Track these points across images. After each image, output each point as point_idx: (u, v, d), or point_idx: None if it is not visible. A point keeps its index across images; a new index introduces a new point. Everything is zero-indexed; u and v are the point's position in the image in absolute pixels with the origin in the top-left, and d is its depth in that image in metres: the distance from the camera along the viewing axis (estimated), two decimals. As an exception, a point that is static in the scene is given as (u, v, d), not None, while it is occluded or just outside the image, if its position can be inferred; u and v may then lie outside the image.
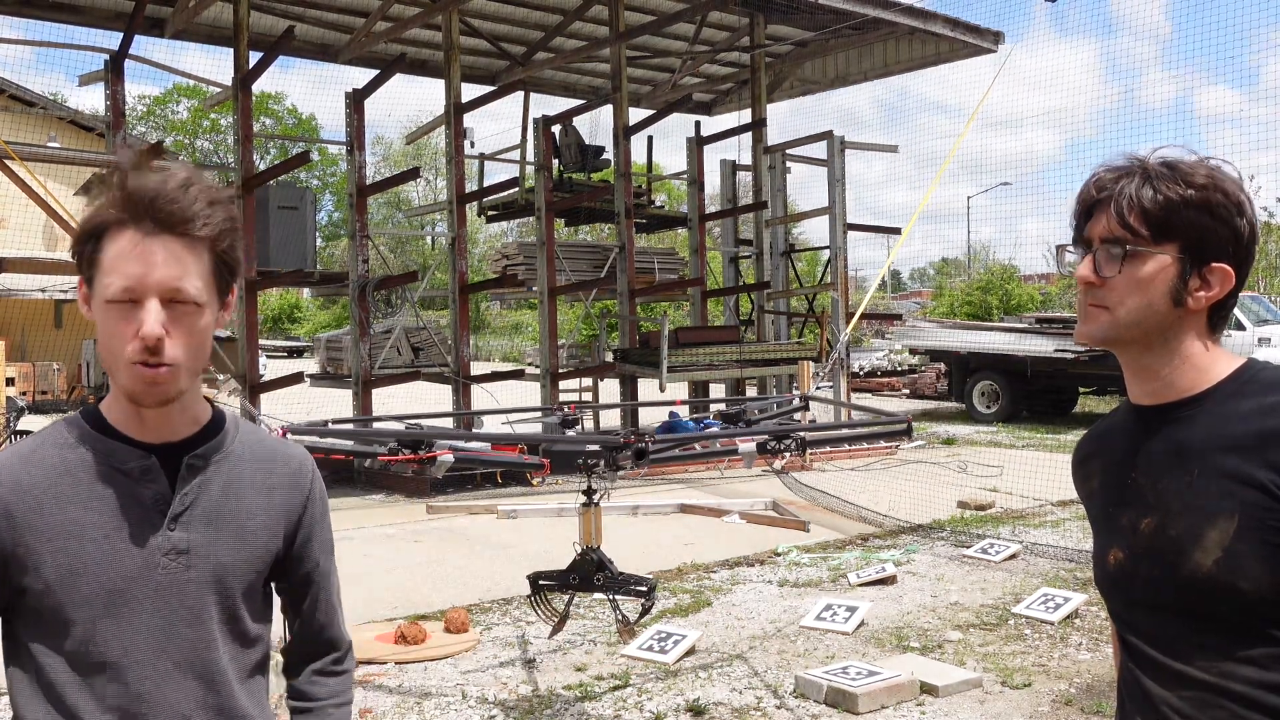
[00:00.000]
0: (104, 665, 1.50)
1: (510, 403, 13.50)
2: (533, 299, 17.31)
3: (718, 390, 18.17)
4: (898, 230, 16.53)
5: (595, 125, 17.48)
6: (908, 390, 24.60)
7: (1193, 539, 1.44)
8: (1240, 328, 17.10)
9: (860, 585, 7.22)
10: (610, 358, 15.71)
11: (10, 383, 18.20)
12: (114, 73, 12.80)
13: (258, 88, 14.60)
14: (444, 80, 13.87)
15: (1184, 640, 1.47)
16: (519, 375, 14.90)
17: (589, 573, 4.84)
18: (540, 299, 14.55)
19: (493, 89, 15.76)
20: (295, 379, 13.34)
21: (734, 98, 19.02)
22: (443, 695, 5.23)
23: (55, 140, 21.62)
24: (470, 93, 14.41)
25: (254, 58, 12.92)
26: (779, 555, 8.25)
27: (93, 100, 66.38)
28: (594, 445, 4.95)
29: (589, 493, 4.92)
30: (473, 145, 15.43)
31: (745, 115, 17.25)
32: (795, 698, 5.14)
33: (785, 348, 15.70)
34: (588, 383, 17.55)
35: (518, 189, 16.08)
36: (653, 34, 15.53)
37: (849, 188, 15.82)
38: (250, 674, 1.63)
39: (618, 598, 4.95)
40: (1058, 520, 9.50)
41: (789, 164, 17.04)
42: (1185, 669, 1.47)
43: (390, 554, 8.49)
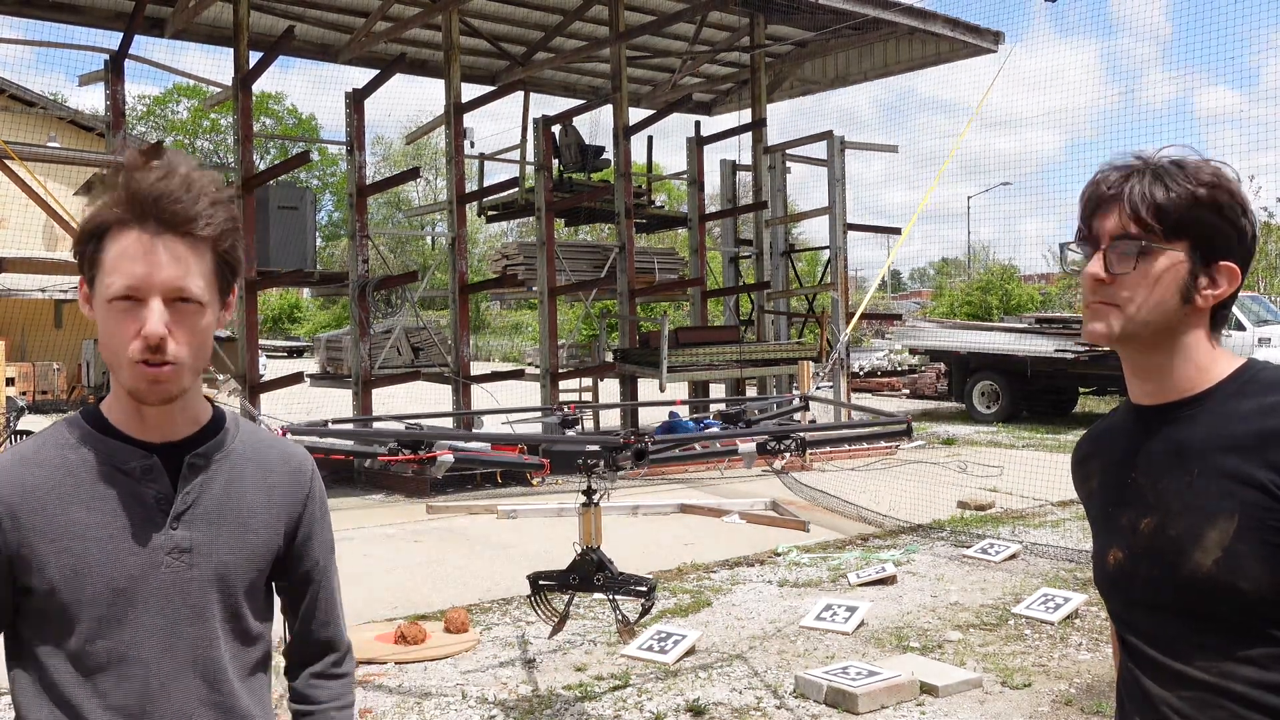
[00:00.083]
0: (108, 664, 1.51)
1: (510, 403, 13.50)
2: (533, 299, 17.31)
3: (718, 390, 18.17)
4: (898, 230, 16.55)
5: (595, 125, 17.50)
6: (908, 390, 24.60)
7: (1193, 539, 1.44)
8: (1240, 328, 17.10)
9: (860, 585, 7.22)
10: (610, 358, 15.70)
11: (10, 383, 18.20)
12: (114, 73, 12.82)
13: (258, 88, 14.61)
14: (444, 80, 13.87)
15: (1184, 640, 1.48)
16: (519, 375, 14.90)
17: (589, 573, 4.84)
18: (540, 299, 14.55)
19: (493, 89, 15.77)
20: (295, 379, 13.34)
21: (734, 98, 19.02)
22: (443, 695, 5.23)
23: (55, 140, 21.64)
24: (470, 93, 14.43)
25: (254, 58, 12.92)
26: (779, 555, 8.25)
27: (93, 100, 66.42)
28: (594, 445, 4.94)
29: (589, 493, 4.92)
30: (473, 145, 15.43)
31: (745, 115, 17.25)
32: (795, 698, 5.14)
33: (785, 348, 15.70)
34: (588, 383, 17.55)
35: (518, 189, 16.08)
36: (653, 34, 15.53)
37: (849, 188, 15.82)
38: (252, 672, 1.64)
39: (618, 598, 4.95)
40: (1058, 520, 9.50)
41: (789, 164, 17.04)
42: (1185, 669, 1.47)
43: (390, 554, 8.49)
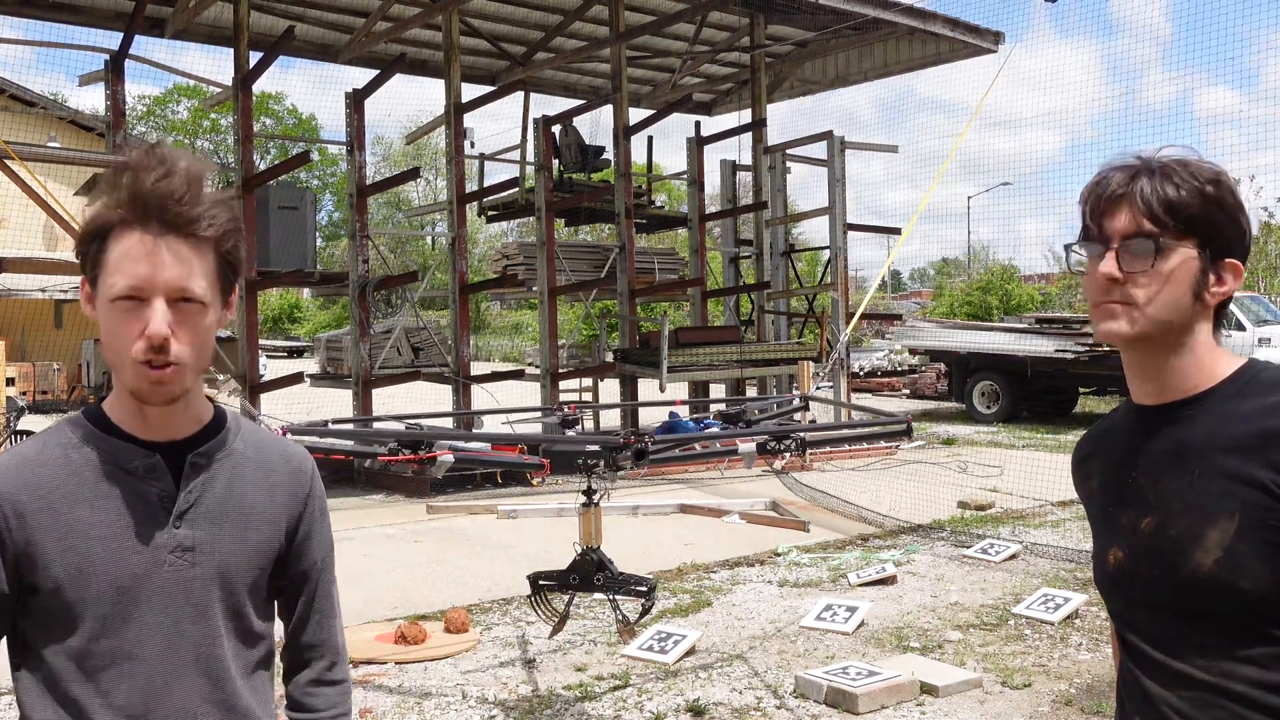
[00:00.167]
0: (112, 663, 1.51)
1: (510, 403, 13.50)
2: (533, 299, 17.31)
3: (718, 390, 18.17)
4: (898, 230, 16.54)
5: (595, 125, 17.50)
6: (908, 390, 24.60)
7: (1193, 539, 1.44)
8: (1240, 328, 17.10)
9: (860, 585, 7.22)
10: (610, 358, 15.71)
11: (10, 383, 18.20)
12: (114, 73, 12.81)
13: (258, 88, 14.61)
14: (444, 80, 13.87)
15: (1184, 640, 1.48)
16: (519, 375, 14.90)
17: (589, 573, 4.84)
18: (540, 299, 14.55)
19: (493, 89, 15.77)
20: (295, 379, 13.34)
21: (734, 98, 19.02)
22: (443, 695, 5.23)
23: (55, 140, 21.64)
24: (470, 93, 14.43)
25: (254, 58, 12.93)
26: (779, 555, 8.25)
27: (93, 100, 66.41)
28: (594, 445, 4.94)
29: (589, 493, 4.92)
30: (473, 145, 15.44)
31: (745, 115, 17.25)
32: (795, 698, 5.14)
33: (785, 348, 15.70)
34: (588, 383, 17.55)
35: (518, 189, 16.09)
36: (653, 34, 15.53)
37: (849, 188, 15.83)
38: (254, 670, 1.65)
39: (618, 598, 4.95)
40: (1058, 520, 9.50)
41: (789, 164, 17.04)
42: (1185, 669, 1.47)
43: (390, 554, 8.49)
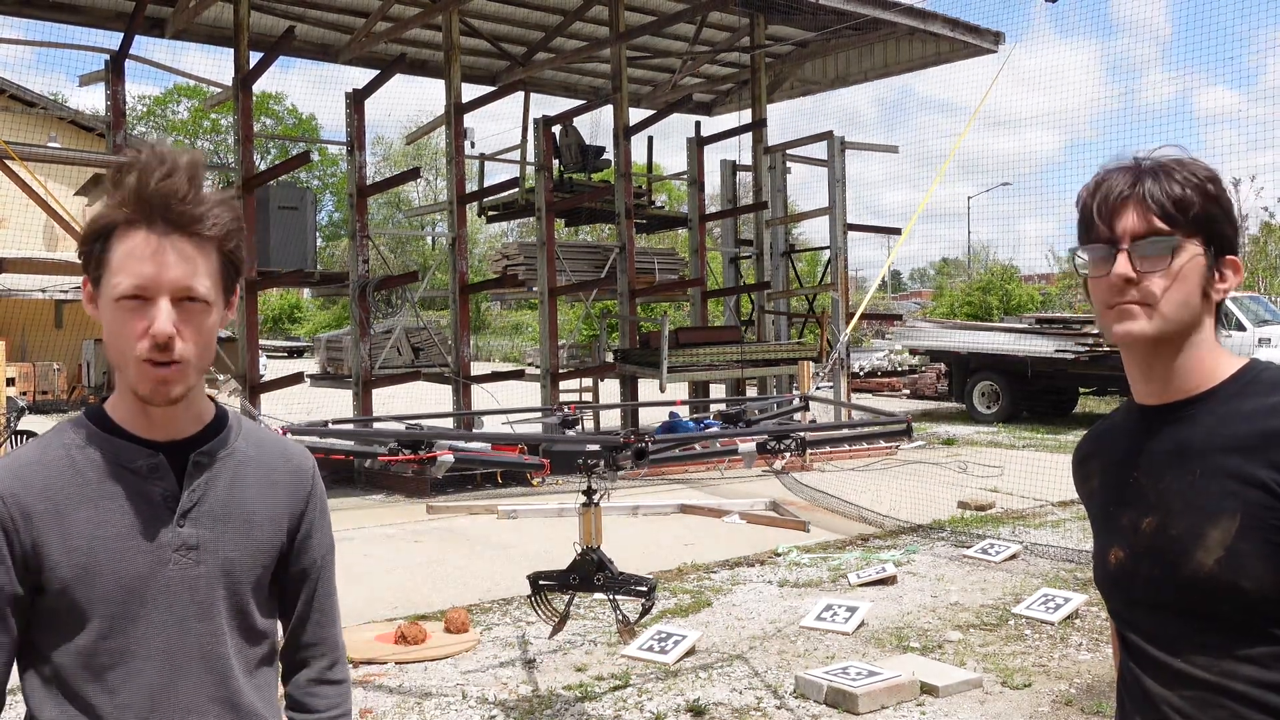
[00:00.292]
0: (118, 662, 1.52)
1: (510, 403, 13.50)
2: (533, 299, 17.31)
3: (718, 390, 18.17)
4: (898, 230, 16.55)
5: (595, 125, 17.51)
6: (908, 390, 24.59)
7: (1194, 538, 1.44)
8: (1240, 328, 17.11)
9: (860, 585, 7.22)
10: (610, 358, 15.71)
11: (10, 383, 18.20)
12: (114, 73, 12.82)
13: (258, 88, 14.61)
14: (444, 80, 13.87)
15: (1185, 639, 1.48)
16: (519, 375, 14.90)
17: (589, 573, 4.84)
18: (540, 299, 14.55)
19: (493, 89, 15.77)
20: (295, 379, 13.34)
21: (734, 98, 19.02)
22: (443, 695, 5.23)
23: (55, 140, 21.65)
24: (470, 93, 14.43)
25: (254, 58, 12.93)
26: (779, 555, 8.25)
27: (93, 100, 66.39)
28: (594, 445, 4.95)
29: (589, 493, 4.92)
30: (473, 145, 15.44)
31: (745, 115, 17.25)
32: (795, 698, 5.14)
33: (785, 348, 15.70)
34: (588, 383, 17.55)
35: (518, 189, 16.09)
36: (653, 34, 15.53)
37: (849, 188, 15.84)
38: (258, 668, 1.65)
39: (618, 598, 4.95)
40: (1058, 521, 9.50)
41: (789, 164, 17.04)
42: (1186, 668, 1.47)
43: (390, 554, 8.49)
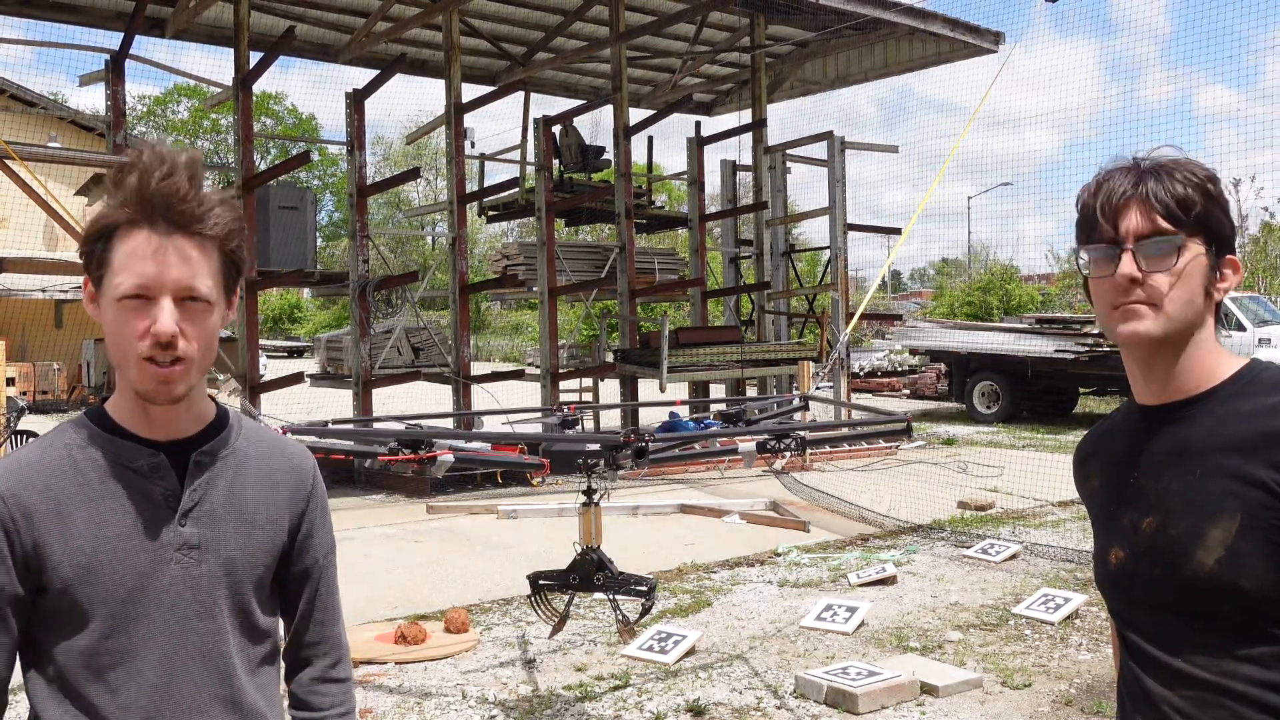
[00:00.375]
0: (120, 661, 1.52)
1: (510, 403, 13.49)
2: (533, 299, 17.31)
3: (718, 390, 18.17)
4: (898, 230, 16.53)
5: (595, 125, 17.55)
6: (908, 390, 24.59)
7: (1195, 538, 1.44)
8: (1240, 328, 17.11)
9: (860, 585, 7.22)
10: (610, 358, 15.71)
11: (10, 383, 18.20)
12: (114, 73, 12.82)
13: (258, 88, 14.62)
14: (444, 80, 13.87)
15: (1185, 639, 1.48)
16: (519, 375, 14.90)
17: (589, 573, 4.84)
18: (540, 299, 14.55)
19: (493, 89, 15.77)
20: (295, 379, 13.34)
21: (734, 98, 19.02)
22: (443, 695, 5.23)
23: (55, 140, 21.65)
24: (470, 93, 14.43)
25: (254, 58, 12.92)
26: (779, 555, 8.25)
27: (93, 100, 66.39)
28: (594, 445, 4.95)
29: (589, 493, 4.92)
30: (473, 145, 15.44)
31: (745, 115, 17.24)
32: (795, 698, 5.14)
33: (785, 348, 15.70)
34: (588, 383, 17.55)
35: (518, 189, 16.09)
36: (653, 34, 15.53)
37: (849, 188, 15.83)
38: (260, 667, 1.66)
39: (618, 598, 4.95)
40: (1058, 521, 9.50)
41: (789, 164, 17.04)
42: (1186, 668, 1.47)
43: (390, 554, 8.49)
